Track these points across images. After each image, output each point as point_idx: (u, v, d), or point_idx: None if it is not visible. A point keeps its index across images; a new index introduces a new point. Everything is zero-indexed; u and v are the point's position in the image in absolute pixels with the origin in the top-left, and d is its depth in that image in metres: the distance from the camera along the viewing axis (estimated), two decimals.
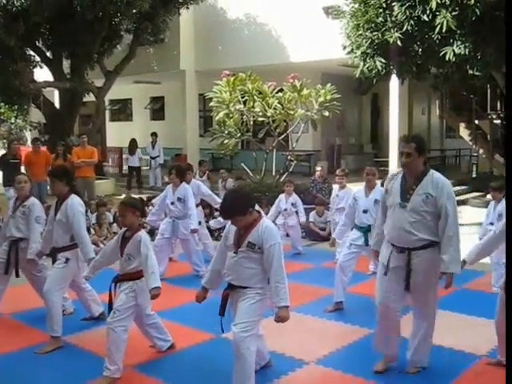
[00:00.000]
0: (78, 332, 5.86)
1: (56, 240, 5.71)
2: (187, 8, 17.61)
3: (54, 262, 5.73)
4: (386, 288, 4.64)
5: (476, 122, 16.18)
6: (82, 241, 5.64)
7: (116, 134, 24.61)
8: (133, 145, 18.33)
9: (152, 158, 18.46)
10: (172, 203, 7.99)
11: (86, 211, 9.17)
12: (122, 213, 5.00)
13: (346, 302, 6.64)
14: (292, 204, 9.86)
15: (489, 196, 10.18)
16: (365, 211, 6.79)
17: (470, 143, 16.14)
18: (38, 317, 6.02)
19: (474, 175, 18.71)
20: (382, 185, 8.69)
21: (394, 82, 13.51)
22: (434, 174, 4.58)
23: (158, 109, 25.52)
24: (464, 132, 16.02)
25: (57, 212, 5.71)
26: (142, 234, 4.95)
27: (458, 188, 16.60)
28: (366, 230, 6.74)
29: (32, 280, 6.29)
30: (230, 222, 4.39)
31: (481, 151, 15.92)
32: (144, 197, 12.02)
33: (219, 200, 8.16)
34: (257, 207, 4.44)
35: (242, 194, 4.51)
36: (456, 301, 6.83)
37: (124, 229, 5.07)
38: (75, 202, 5.70)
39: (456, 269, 4.49)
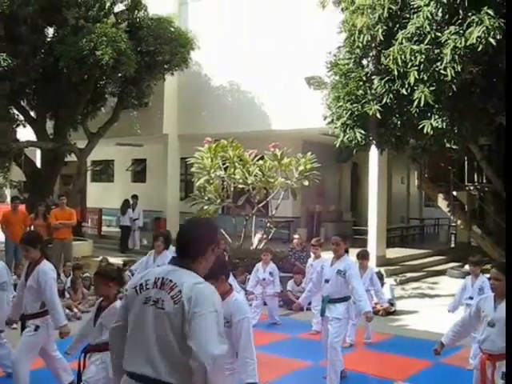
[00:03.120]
0: None
1: (25, 306, 5.58)
2: (172, 74, 17.87)
3: (23, 330, 5.58)
4: None
5: (454, 193, 16.40)
6: (54, 307, 5.51)
7: (97, 194, 24.57)
8: (124, 205, 18.42)
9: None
10: None
11: (59, 275, 9.04)
12: (95, 283, 4.93)
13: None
14: (270, 273, 9.80)
15: (467, 267, 10.22)
16: (326, 281, 6.56)
17: (448, 214, 16.33)
18: None
19: (452, 245, 18.83)
20: (358, 255, 8.77)
21: (374, 152, 13.69)
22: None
23: (139, 171, 25.57)
24: (442, 203, 16.21)
25: (27, 277, 5.60)
26: (118, 304, 4.84)
27: (436, 258, 16.71)
28: (323, 300, 6.57)
29: None
30: None
31: (458, 222, 16.09)
32: (120, 260, 11.88)
33: None
34: (231, 279, 4.38)
35: (218, 259, 4.42)
36: (433, 376, 6.77)
37: (101, 298, 4.98)
38: (47, 268, 5.59)
39: None
